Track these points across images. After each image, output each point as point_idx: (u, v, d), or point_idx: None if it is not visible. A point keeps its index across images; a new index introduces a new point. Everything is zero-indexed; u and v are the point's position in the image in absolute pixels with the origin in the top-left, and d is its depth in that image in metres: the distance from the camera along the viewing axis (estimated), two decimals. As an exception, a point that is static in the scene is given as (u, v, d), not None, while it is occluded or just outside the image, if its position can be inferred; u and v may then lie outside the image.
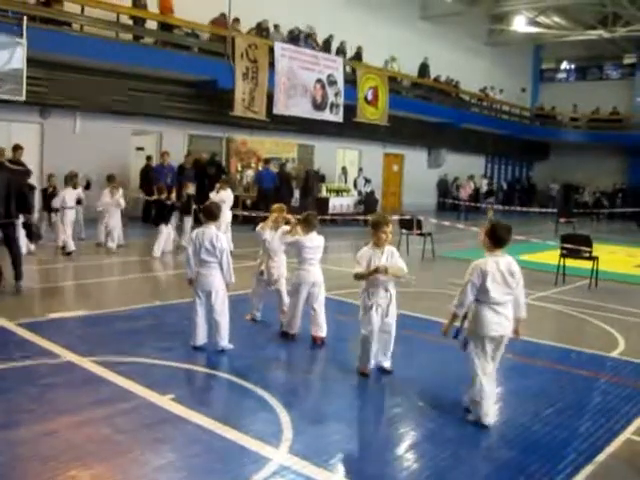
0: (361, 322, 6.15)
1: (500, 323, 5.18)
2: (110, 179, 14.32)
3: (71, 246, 12.58)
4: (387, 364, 6.38)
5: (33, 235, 11.14)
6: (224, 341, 6.84)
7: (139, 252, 13.66)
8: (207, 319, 6.90)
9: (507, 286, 5.17)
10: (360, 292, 6.23)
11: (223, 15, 19.33)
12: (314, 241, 7.25)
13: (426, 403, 5.63)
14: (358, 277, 6.10)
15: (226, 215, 12.91)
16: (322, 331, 7.31)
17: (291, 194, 20.21)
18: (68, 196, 12.93)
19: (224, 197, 13.11)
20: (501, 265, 5.17)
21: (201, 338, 6.90)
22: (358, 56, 24.75)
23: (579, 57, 38.58)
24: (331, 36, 23.67)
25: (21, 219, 10.03)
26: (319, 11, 23.84)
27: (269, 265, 7.85)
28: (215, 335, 6.85)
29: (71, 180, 13.41)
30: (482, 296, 5.18)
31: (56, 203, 12.89)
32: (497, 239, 5.24)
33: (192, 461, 4.36)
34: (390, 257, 6.08)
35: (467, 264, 5.36)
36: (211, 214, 6.93)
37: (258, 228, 7.93)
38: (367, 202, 22.50)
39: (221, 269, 6.76)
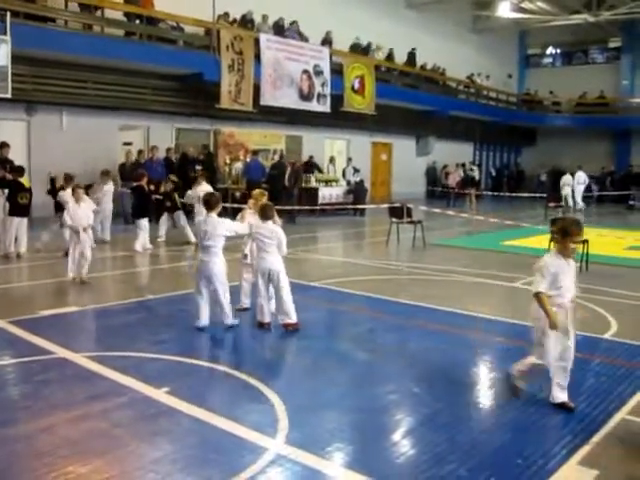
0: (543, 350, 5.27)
1: None
2: (68, 179, 12.18)
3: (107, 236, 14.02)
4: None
5: None
6: (229, 319, 7.29)
7: (126, 247, 13.59)
8: (209, 302, 7.28)
9: None
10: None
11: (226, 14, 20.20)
12: (268, 229, 7.27)
13: (421, 389, 5.65)
14: (539, 301, 5.23)
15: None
16: (290, 317, 7.30)
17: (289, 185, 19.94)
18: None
19: (199, 192, 12.74)
20: None
21: (204, 319, 7.25)
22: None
23: (564, 42, 38.67)
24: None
25: None
26: (303, 1, 23.77)
27: (253, 248, 7.86)
28: (220, 315, 7.25)
29: (107, 175, 14.60)
30: None
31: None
32: None
33: (189, 453, 4.35)
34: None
35: (456, 251, 5.32)
36: (208, 204, 7.34)
37: (237, 218, 8.11)
38: (356, 192, 22.52)
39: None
